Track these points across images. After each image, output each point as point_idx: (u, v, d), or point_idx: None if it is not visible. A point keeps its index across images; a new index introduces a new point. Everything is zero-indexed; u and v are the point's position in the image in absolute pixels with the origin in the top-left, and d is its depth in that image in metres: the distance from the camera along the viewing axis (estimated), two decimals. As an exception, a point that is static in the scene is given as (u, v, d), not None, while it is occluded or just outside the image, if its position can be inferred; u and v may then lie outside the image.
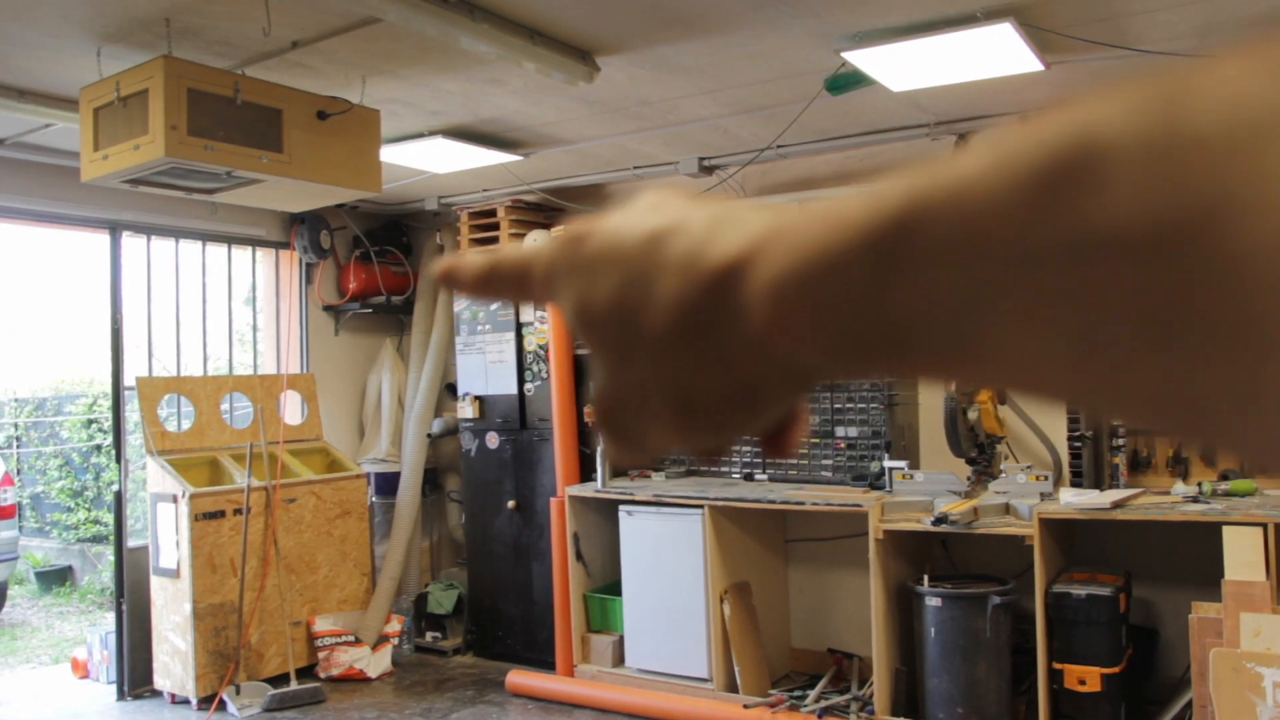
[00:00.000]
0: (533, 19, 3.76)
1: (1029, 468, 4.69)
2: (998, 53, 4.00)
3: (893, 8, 3.68)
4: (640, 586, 5.35)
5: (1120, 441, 4.76)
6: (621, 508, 5.41)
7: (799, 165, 5.59)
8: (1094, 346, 0.26)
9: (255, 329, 6.97)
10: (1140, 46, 4.01)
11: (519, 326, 6.13)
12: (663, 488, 5.43)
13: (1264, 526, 3.96)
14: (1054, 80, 4.42)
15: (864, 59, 4.05)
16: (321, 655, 5.87)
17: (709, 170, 5.65)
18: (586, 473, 5.74)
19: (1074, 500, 4.34)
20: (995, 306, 0.28)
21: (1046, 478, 4.64)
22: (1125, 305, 0.25)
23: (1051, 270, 0.26)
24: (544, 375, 5.99)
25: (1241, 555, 3.96)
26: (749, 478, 5.60)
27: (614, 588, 5.56)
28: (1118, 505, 4.27)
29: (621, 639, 5.45)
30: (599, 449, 5.56)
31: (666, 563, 5.24)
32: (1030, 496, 4.54)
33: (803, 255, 0.32)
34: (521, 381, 6.13)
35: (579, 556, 5.60)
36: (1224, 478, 4.57)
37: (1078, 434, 4.64)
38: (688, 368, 0.37)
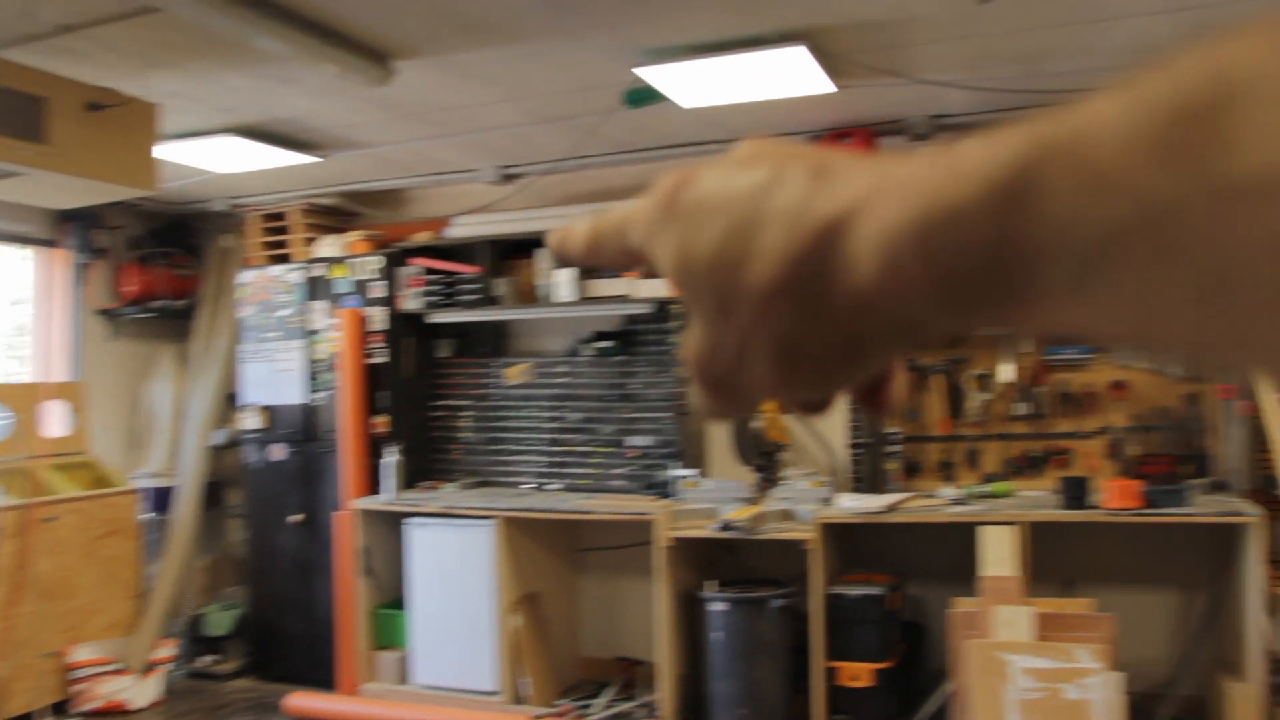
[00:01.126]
0: (326, 18, 3.67)
1: (811, 474, 4.91)
2: (791, 74, 4.18)
3: (688, 26, 3.80)
4: (428, 600, 5.24)
5: (894, 448, 5.05)
6: (410, 520, 5.30)
7: (600, 176, 5.67)
8: (1227, 294, 0.25)
9: (24, 334, 6.43)
10: (922, 76, 4.30)
11: (307, 334, 5.92)
12: (453, 499, 5.35)
13: (1016, 525, 4.29)
14: (845, 103, 4.67)
15: (659, 75, 4.16)
16: (79, 688, 5.43)
17: (509, 179, 5.66)
18: (376, 485, 5.59)
19: (851, 505, 4.57)
20: (1122, 253, 0.27)
21: (826, 483, 4.86)
22: (1263, 250, 0.24)
23: (1185, 215, 0.25)
24: (333, 385, 5.81)
25: (996, 552, 4.26)
26: (541, 488, 5.61)
27: (402, 602, 5.43)
28: (890, 509, 4.53)
29: (408, 655, 5.32)
30: (387, 458, 5.44)
31: (456, 575, 5.16)
32: (811, 502, 4.74)
33: (917, 204, 0.32)
34: (310, 391, 5.92)
35: (368, 571, 5.43)
36: (985, 480, 4.92)
37: (858, 441, 4.89)
38: (791, 320, 0.36)
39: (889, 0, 3.50)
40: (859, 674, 4.53)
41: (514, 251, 5.65)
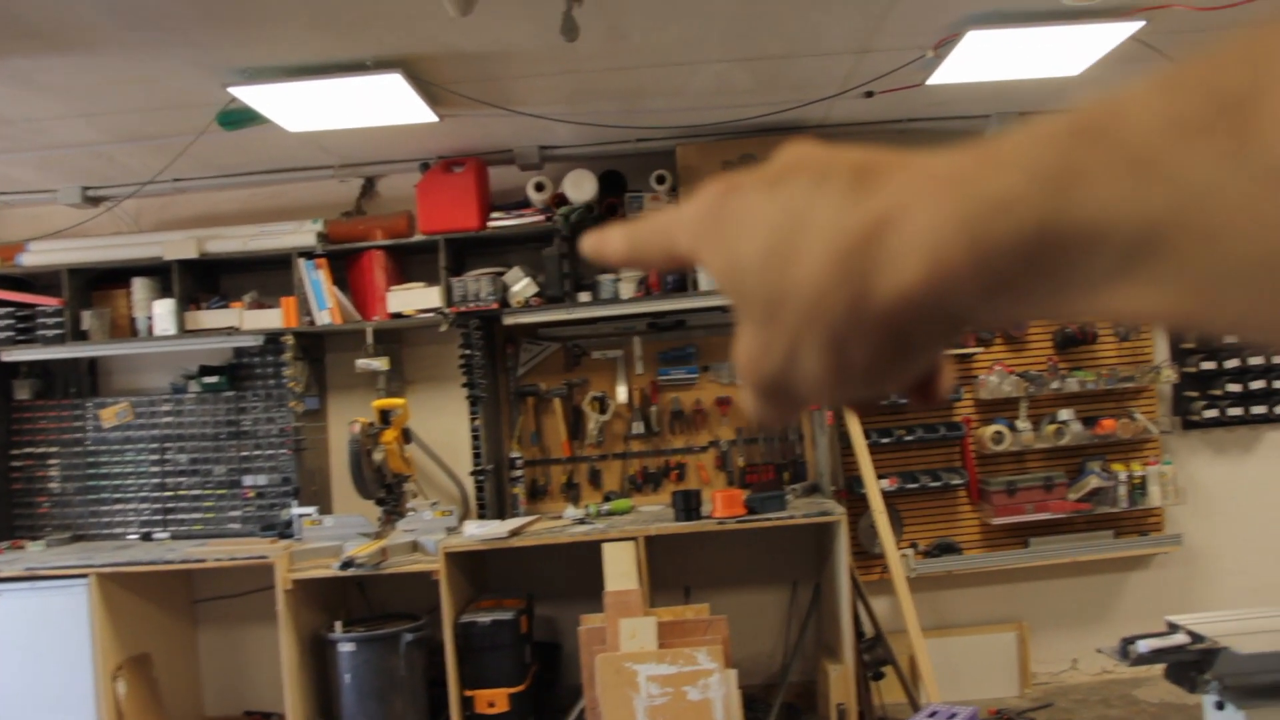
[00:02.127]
0: None
1: (435, 504, 4.84)
2: (391, 101, 4.10)
3: (281, 46, 3.62)
4: (11, 678, 4.61)
5: (518, 473, 5.10)
6: (-15, 587, 4.65)
7: (201, 200, 5.28)
8: (1271, 275, 0.26)
9: None
10: (522, 108, 4.36)
11: None
12: (39, 559, 4.75)
13: (635, 540, 4.47)
14: (453, 132, 4.65)
15: (255, 96, 3.93)
16: None
17: (95, 201, 5.12)
18: (-60, 550, 4.86)
19: (476, 532, 4.56)
20: (1165, 239, 0.27)
21: (452, 512, 4.82)
22: None
23: (1226, 199, 0.26)
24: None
25: (618, 567, 4.41)
26: (147, 538, 5.13)
27: (-20, 682, 4.74)
28: (515, 533, 4.56)
29: (-10, 742, 4.67)
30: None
31: (45, 645, 4.57)
32: (437, 532, 4.67)
33: (960, 198, 0.32)
34: None
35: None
36: (607, 499, 5.08)
37: (479, 468, 4.88)
38: (839, 322, 0.36)
39: (483, 33, 3.51)
40: (495, 700, 4.53)
41: (105, 280, 5.12)
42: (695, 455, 5.24)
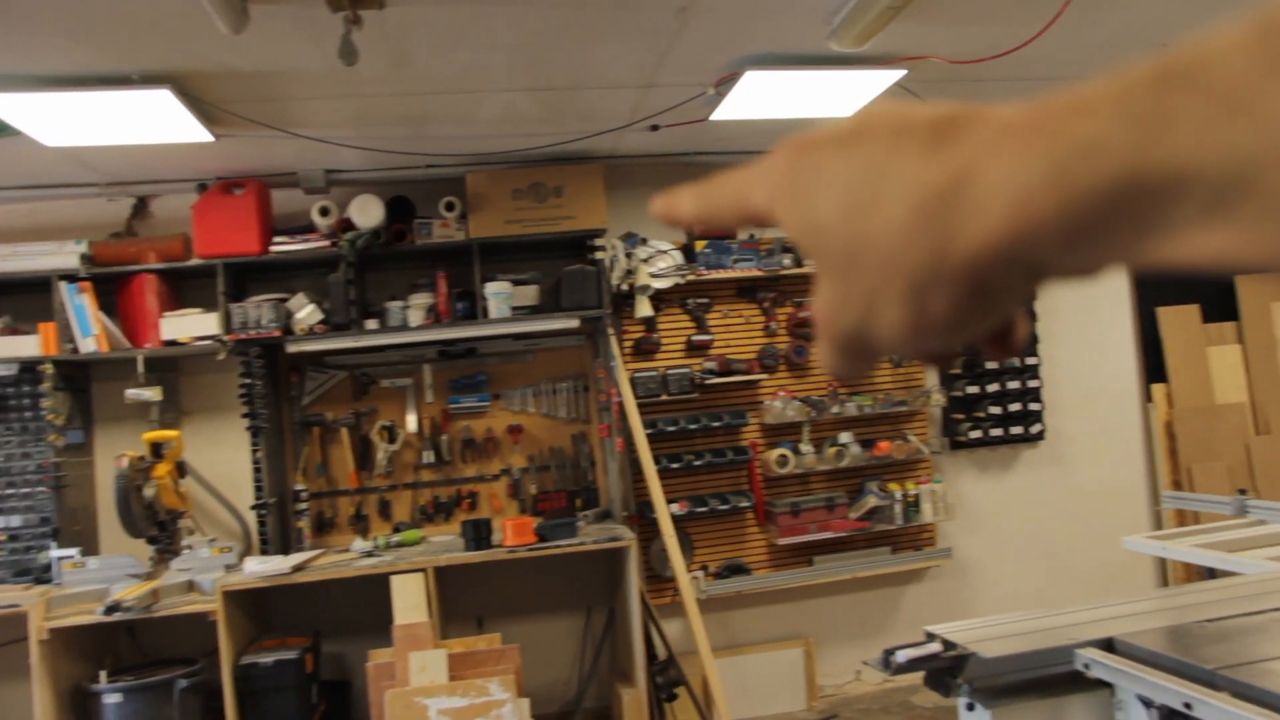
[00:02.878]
0: None
1: (213, 541, 4.60)
2: (162, 118, 3.91)
3: (33, 54, 3.39)
4: None
5: (303, 506, 4.92)
6: None
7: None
8: None
9: None
10: (304, 131, 4.24)
11: None
12: None
13: (425, 571, 4.38)
14: (230, 152, 4.47)
15: (6, 106, 3.67)
16: None
17: None
18: None
19: (258, 568, 4.36)
20: (1257, 178, 0.27)
21: (232, 549, 4.59)
22: None
23: None
24: None
25: (408, 599, 4.31)
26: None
27: None
28: (299, 568, 4.39)
29: None
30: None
31: None
32: (215, 570, 4.44)
33: (1047, 144, 0.32)
34: None
35: None
36: (396, 530, 4.97)
37: (261, 502, 4.68)
38: (920, 272, 0.36)
39: (259, 52, 3.40)
40: (277, 744, 4.33)
41: None
42: (487, 484, 5.20)
